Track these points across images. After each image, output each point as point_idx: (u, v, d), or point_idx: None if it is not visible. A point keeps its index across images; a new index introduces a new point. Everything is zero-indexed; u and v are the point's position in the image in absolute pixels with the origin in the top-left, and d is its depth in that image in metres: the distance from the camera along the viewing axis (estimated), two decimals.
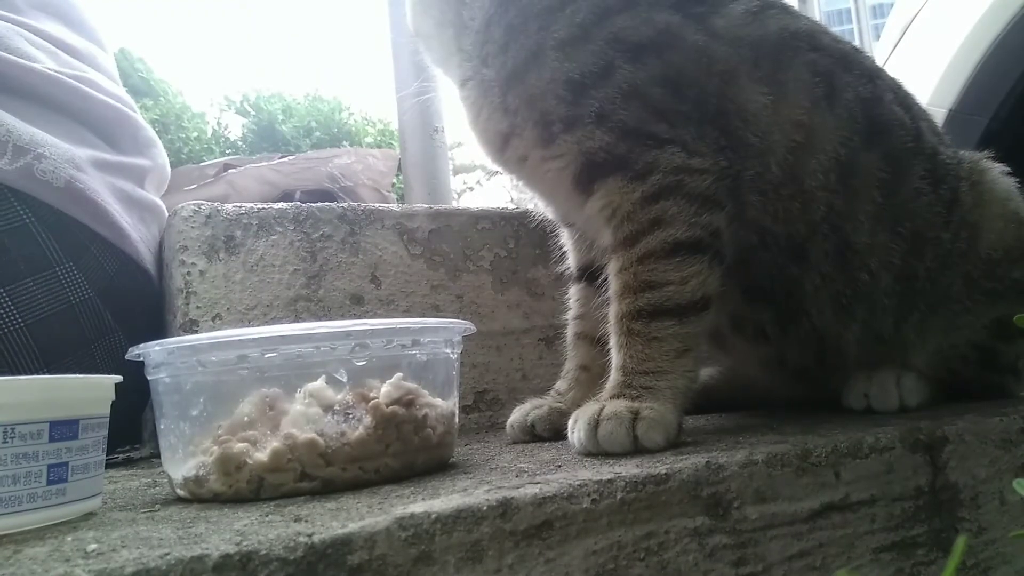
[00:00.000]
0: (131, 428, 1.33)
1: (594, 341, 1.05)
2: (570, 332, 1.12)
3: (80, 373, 0.85)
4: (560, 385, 1.09)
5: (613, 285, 0.90)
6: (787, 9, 1.05)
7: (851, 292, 1.02)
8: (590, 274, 1.09)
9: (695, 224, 0.87)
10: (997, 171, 1.15)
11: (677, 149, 0.89)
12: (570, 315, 1.13)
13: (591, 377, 1.04)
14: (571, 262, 1.15)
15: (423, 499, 0.61)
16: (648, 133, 0.89)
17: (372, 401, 0.73)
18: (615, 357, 0.89)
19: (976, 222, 1.09)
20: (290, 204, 1.29)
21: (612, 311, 0.90)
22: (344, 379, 0.73)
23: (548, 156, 0.94)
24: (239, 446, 0.70)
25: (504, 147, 0.98)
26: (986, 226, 1.10)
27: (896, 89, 1.12)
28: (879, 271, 1.03)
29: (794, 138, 0.96)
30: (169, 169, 1.50)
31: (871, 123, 1.03)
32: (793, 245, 0.99)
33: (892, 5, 2.37)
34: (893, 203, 1.03)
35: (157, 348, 0.74)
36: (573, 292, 1.14)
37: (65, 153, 1.19)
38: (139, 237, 1.29)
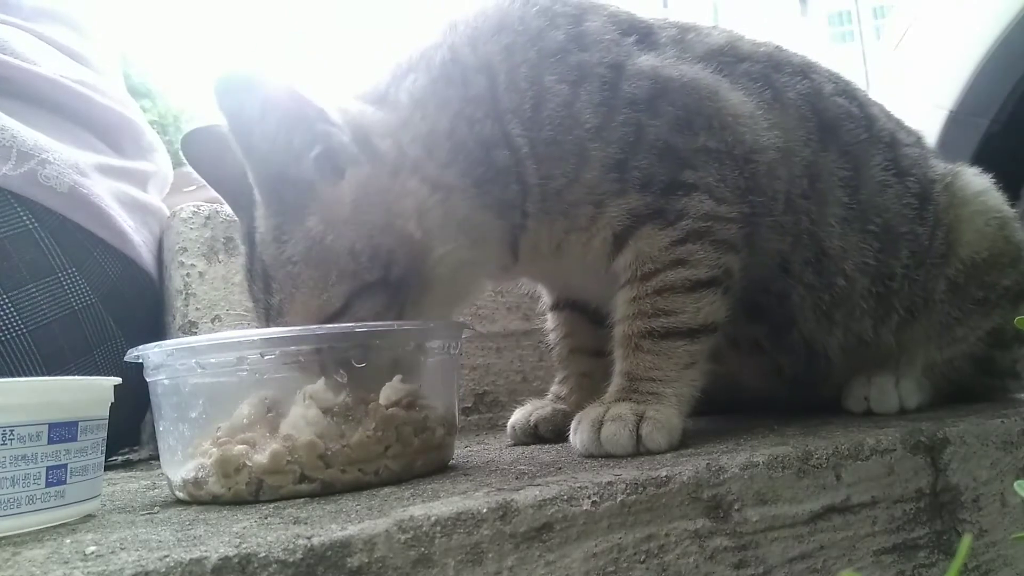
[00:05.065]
0: (130, 430, 1.33)
1: (593, 353, 1.05)
2: (563, 348, 1.11)
3: None
4: (559, 389, 1.09)
5: (623, 310, 0.90)
6: (699, 28, 1.04)
7: (829, 298, 1.02)
8: (571, 304, 1.09)
9: (716, 266, 0.90)
10: (971, 172, 1.14)
11: (704, 196, 0.90)
12: (558, 335, 1.11)
13: (593, 383, 1.03)
14: (546, 299, 1.14)
15: (423, 501, 0.61)
16: (679, 183, 0.90)
17: (372, 403, 0.73)
18: (620, 363, 0.89)
19: (951, 223, 1.08)
20: None
21: (619, 330, 0.90)
22: (344, 381, 0.72)
23: (586, 237, 0.92)
24: (238, 448, 0.70)
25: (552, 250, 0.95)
26: (964, 227, 1.08)
27: (835, 79, 1.10)
28: (854, 274, 1.02)
29: (776, 144, 0.96)
30: (172, 172, 1.50)
31: (820, 119, 1.02)
32: (781, 259, 1.00)
33: (893, 6, 2.38)
34: (859, 200, 1.02)
35: (156, 350, 0.74)
36: (556, 317, 1.12)
37: (69, 158, 1.19)
38: (142, 241, 1.29)
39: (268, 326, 0.84)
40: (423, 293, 0.86)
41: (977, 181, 1.13)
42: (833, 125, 1.03)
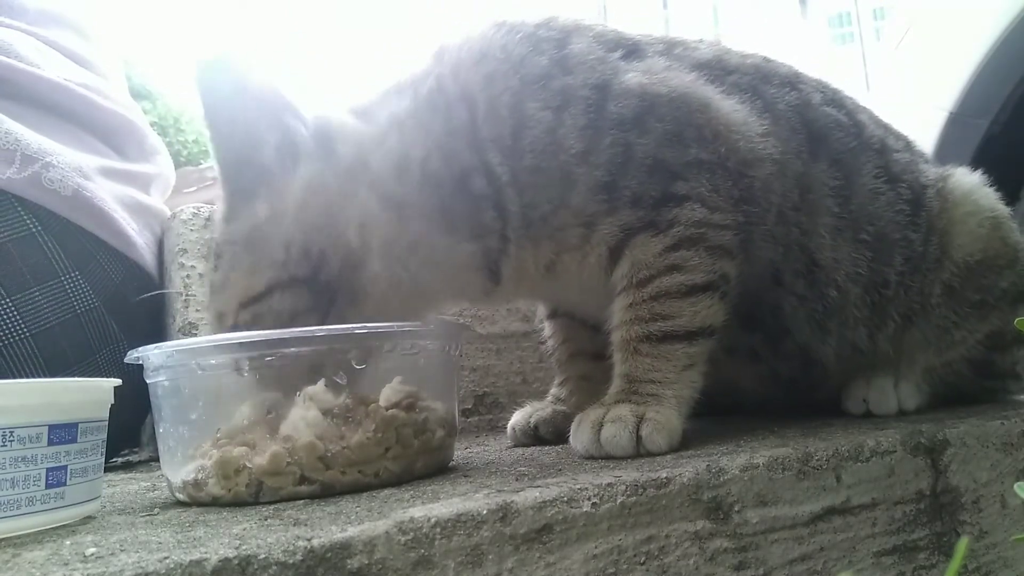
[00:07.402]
0: (131, 432, 1.33)
1: (592, 356, 1.05)
2: (562, 353, 1.10)
3: None
4: (559, 391, 1.09)
5: (620, 316, 0.89)
6: (685, 42, 1.04)
7: (822, 308, 1.01)
8: (568, 312, 1.09)
9: (711, 271, 0.89)
10: (961, 172, 1.14)
11: (696, 205, 0.89)
12: (556, 341, 1.11)
13: (593, 385, 1.02)
14: (543, 309, 1.14)
15: (423, 503, 0.61)
16: (670, 195, 0.89)
17: (372, 404, 0.73)
18: (619, 367, 0.89)
19: (944, 227, 1.07)
20: None
21: (617, 335, 0.89)
22: (344, 382, 0.72)
23: (581, 255, 0.92)
24: (238, 450, 0.70)
25: (546, 270, 0.95)
26: (956, 230, 1.07)
27: (823, 88, 1.09)
28: (847, 284, 1.01)
29: (774, 156, 0.95)
30: (174, 175, 1.51)
31: (810, 131, 1.01)
32: (773, 269, 0.99)
33: (893, 7, 2.38)
34: (851, 209, 1.01)
35: (155, 351, 0.74)
36: (553, 324, 1.12)
37: (73, 161, 1.20)
38: (145, 244, 1.29)
39: (210, 303, 0.87)
40: (351, 306, 0.85)
41: (967, 180, 1.12)
42: (823, 135, 1.02)
